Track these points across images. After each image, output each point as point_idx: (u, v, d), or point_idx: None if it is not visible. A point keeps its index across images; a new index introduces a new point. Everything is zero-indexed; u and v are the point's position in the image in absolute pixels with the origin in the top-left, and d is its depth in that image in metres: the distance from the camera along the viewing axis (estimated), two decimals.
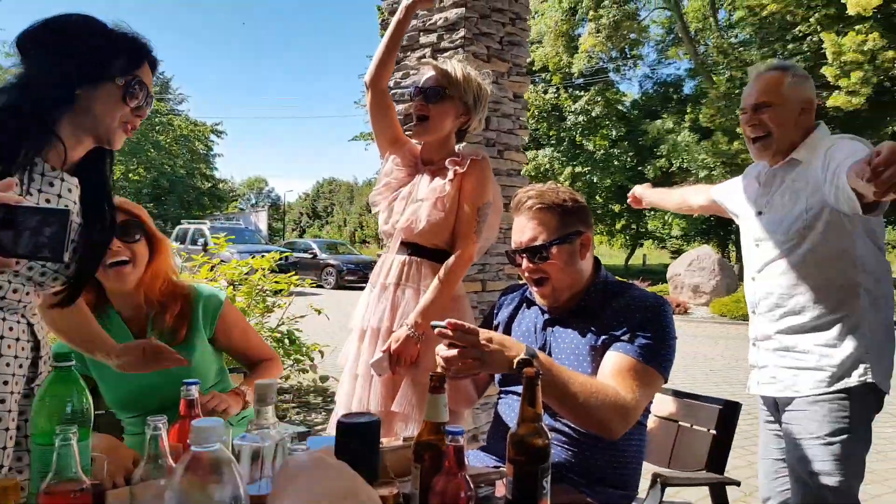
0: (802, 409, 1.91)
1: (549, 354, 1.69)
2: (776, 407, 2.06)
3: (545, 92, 23.56)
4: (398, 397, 2.13)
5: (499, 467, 1.56)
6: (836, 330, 1.88)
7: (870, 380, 1.83)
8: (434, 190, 2.14)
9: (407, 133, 2.38)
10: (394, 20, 2.22)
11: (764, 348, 2.05)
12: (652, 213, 25.55)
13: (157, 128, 30.28)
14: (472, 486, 1.07)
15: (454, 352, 1.44)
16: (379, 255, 2.44)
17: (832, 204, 1.78)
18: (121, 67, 1.37)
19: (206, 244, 16.00)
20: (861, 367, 1.83)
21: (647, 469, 1.80)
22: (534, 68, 22.63)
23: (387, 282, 2.21)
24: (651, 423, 1.96)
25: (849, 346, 1.85)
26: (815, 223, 1.86)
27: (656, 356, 1.59)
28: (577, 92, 23.63)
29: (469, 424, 3.63)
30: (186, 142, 32.22)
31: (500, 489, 1.39)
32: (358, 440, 1.16)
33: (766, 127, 1.97)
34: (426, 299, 2.09)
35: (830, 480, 1.83)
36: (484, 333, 1.46)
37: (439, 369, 1.48)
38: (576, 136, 23.25)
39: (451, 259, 2.13)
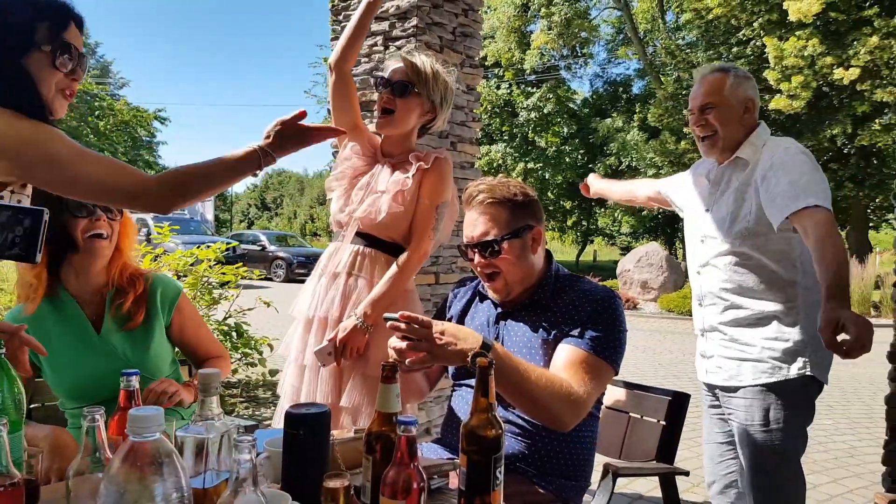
0: (746, 397, 2.00)
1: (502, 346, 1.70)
2: (720, 394, 2.15)
3: (497, 87, 23.69)
4: (346, 392, 2.09)
5: (452, 459, 1.56)
6: (776, 324, 1.97)
7: (808, 372, 1.93)
8: (396, 183, 2.12)
9: (366, 121, 2.35)
10: (363, 3, 2.19)
11: (710, 339, 2.14)
12: (602, 210, 26.05)
13: (96, 112, 29.08)
14: (424, 476, 1.06)
15: (406, 344, 1.44)
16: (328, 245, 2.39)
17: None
18: (45, 34, 1.32)
19: (148, 234, 15.53)
20: (800, 361, 1.93)
21: (599, 460, 1.83)
22: (486, 63, 22.72)
23: (338, 270, 2.17)
24: (602, 414, 1.99)
25: (789, 340, 1.95)
26: (757, 225, 1.96)
27: (607, 349, 1.61)
28: (530, 88, 23.84)
29: (422, 418, 3.62)
30: (128, 128, 31.07)
31: (454, 480, 1.38)
32: (308, 431, 1.13)
33: (712, 126, 2.07)
34: (377, 291, 2.08)
35: (772, 462, 1.96)
36: (437, 326, 1.46)
37: (392, 360, 1.46)
38: (528, 133, 23.47)
39: (406, 253, 2.12)
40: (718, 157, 2.13)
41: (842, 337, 1.58)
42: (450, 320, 1.90)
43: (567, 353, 1.60)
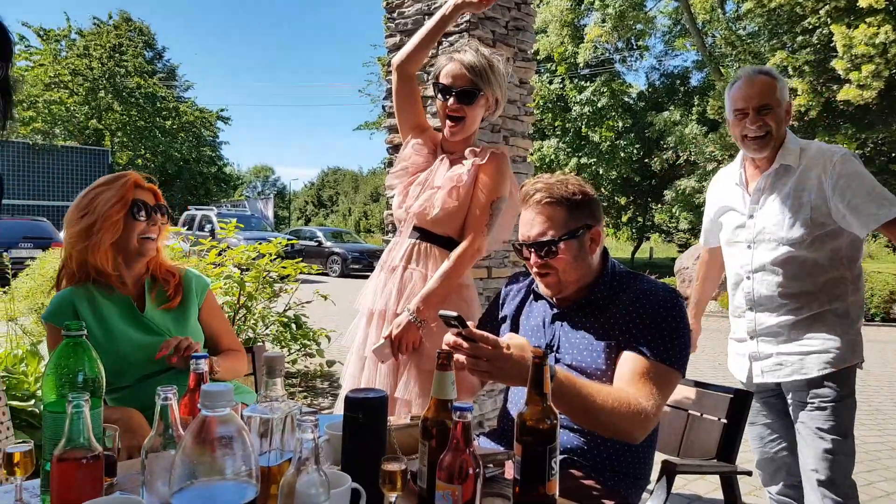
0: (813, 387, 2.15)
1: (558, 349, 1.68)
2: (777, 391, 2.31)
3: (550, 82, 23.41)
4: (400, 384, 2.13)
5: (508, 450, 1.57)
6: (833, 319, 2.14)
7: (857, 361, 2.15)
8: (451, 178, 2.14)
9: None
10: (438, 13, 2.22)
11: (765, 340, 2.24)
12: (659, 205, 25.45)
13: (163, 113, 30.23)
14: (480, 462, 1.08)
15: (466, 359, 1.39)
16: (385, 241, 2.45)
17: (839, 222, 2.07)
18: None
19: (213, 230, 16.11)
20: (856, 350, 2.14)
21: (657, 458, 1.79)
22: (538, 58, 22.49)
23: (395, 264, 2.21)
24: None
25: (847, 332, 2.13)
26: (815, 229, 2.09)
27: (673, 354, 1.56)
28: (583, 82, 23.46)
29: (474, 411, 3.65)
30: (192, 128, 32.20)
31: (509, 470, 1.39)
32: (366, 414, 1.16)
33: (768, 127, 2.15)
34: (430, 286, 2.09)
35: (837, 443, 2.12)
36: (502, 343, 1.41)
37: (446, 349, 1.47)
38: (581, 127, 23.10)
39: (459, 248, 2.13)
40: (759, 158, 2.22)
41: None
42: (503, 319, 1.88)
43: (632, 364, 1.55)
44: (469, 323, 1.41)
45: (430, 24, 2.23)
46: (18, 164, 23.70)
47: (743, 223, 2.27)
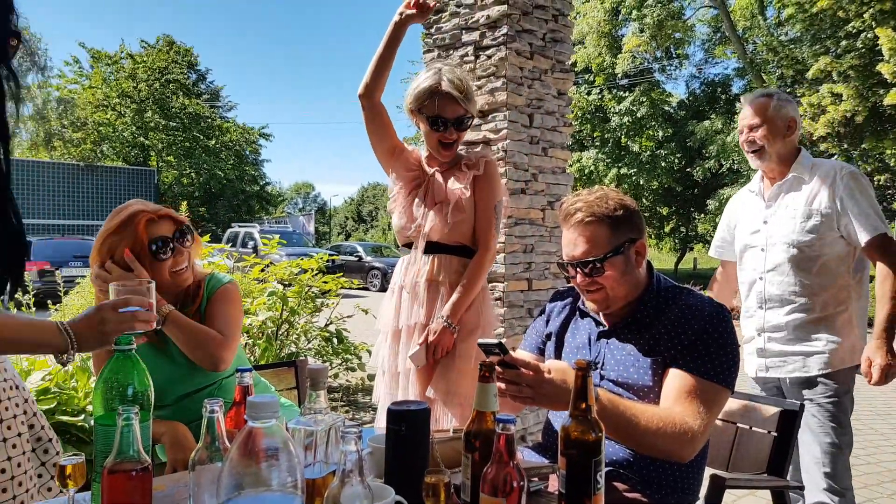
0: (815, 384, 2.33)
1: (603, 366, 1.66)
2: (777, 385, 2.49)
3: (588, 93, 23.28)
4: (432, 383, 2.28)
5: (552, 463, 1.55)
6: (837, 322, 2.32)
7: (857, 361, 2.31)
8: (454, 192, 2.28)
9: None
10: (386, 34, 2.27)
11: (773, 337, 2.43)
12: (702, 215, 24.97)
13: (206, 132, 31.11)
14: (524, 475, 1.06)
15: (507, 387, 1.38)
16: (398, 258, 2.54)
17: (841, 231, 2.29)
18: None
19: (256, 246, 16.43)
20: (856, 351, 2.31)
21: (706, 472, 1.74)
22: (576, 69, 22.41)
23: (418, 280, 2.32)
24: None
25: (849, 334, 2.32)
26: (825, 234, 2.30)
27: (720, 371, 1.52)
28: (622, 93, 23.26)
29: (516, 426, 3.61)
30: (235, 146, 33.03)
31: (553, 484, 1.37)
32: (408, 427, 1.16)
33: (759, 143, 2.43)
34: (457, 296, 2.24)
35: (838, 434, 2.29)
36: (543, 368, 1.40)
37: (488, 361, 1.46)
38: (621, 138, 22.88)
39: (477, 257, 2.29)
40: (766, 169, 2.49)
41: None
42: (549, 336, 1.86)
43: (678, 382, 1.52)
44: (510, 349, 1.41)
45: (380, 46, 2.28)
46: (68, 184, 24.59)
47: (758, 229, 2.49)
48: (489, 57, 3.52)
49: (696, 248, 32.50)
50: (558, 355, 1.80)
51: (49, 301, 5.14)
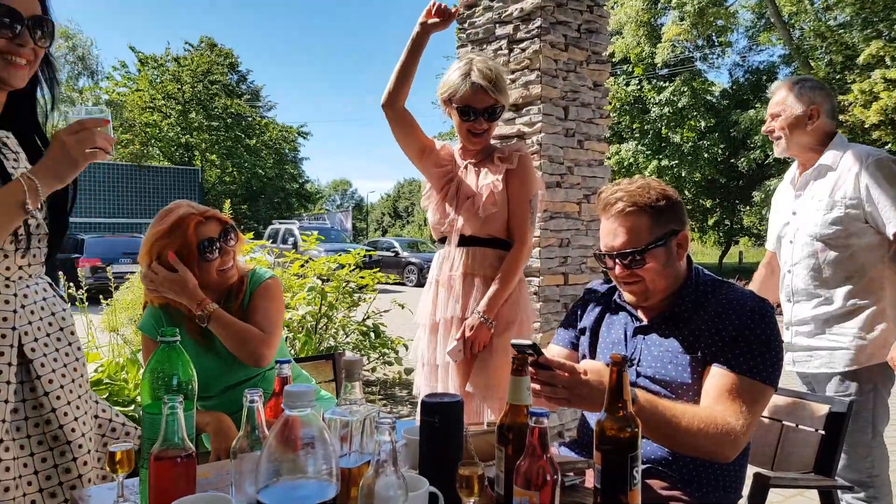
0: (841, 381, 2.26)
1: (640, 363, 1.63)
2: (806, 380, 2.42)
3: (627, 84, 22.90)
4: (470, 378, 2.29)
5: (588, 458, 1.54)
6: (865, 315, 2.23)
7: (888, 358, 2.18)
8: (486, 186, 2.27)
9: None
10: (408, 44, 2.27)
11: (799, 332, 2.37)
12: (748, 207, 24.35)
13: (247, 131, 31.72)
14: (557, 468, 1.06)
15: (541, 388, 1.38)
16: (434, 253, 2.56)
17: (868, 220, 2.20)
18: None
19: (296, 243, 16.70)
20: (886, 348, 2.18)
21: (750, 471, 1.70)
22: (614, 60, 22.06)
23: (453, 274, 2.33)
24: None
25: (878, 329, 2.21)
26: (850, 225, 2.22)
27: (763, 368, 1.48)
28: (662, 83, 22.81)
29: (553, 421, 3.60)
30: (275, 145, 33.60)
31: (590, 480, 1.37)
32: (442, 418, 1.18)
33: (777, 132, 2.40)
34: (493, 290, 2.25)
35: (866, 436, 2.22)
36: (579, 369, 1.39)
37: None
38: (661, 129, 22.45)
39: (513, 251, 2.28)
40: (796, 157, 2.43)
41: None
42: (582, 331, 1.83)
43: (719, 380, 1.48)
44: (544, 350, 1.40)
45: (403, 55, 2.28)
46: (118, 184, 25.36)
47: (788, 220, 2.44)
48: (523, 50, 3.51)
49: (742, 241, 31.71)
50: (592, 351, 1.78)
51: (101, 296, 5.33)
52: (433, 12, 2.23)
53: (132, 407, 3.23)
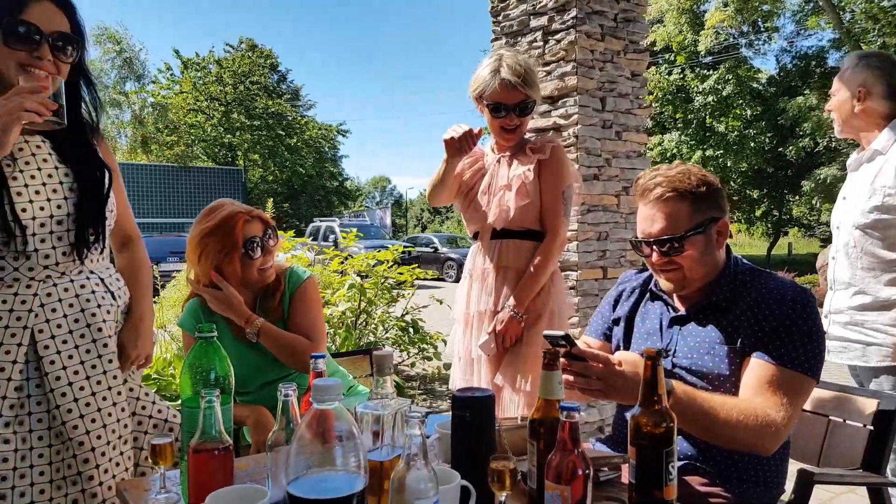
0: (872, 377, 2.19)
1: (675, 354, 1.60)
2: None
3: (669, 73, 22.44)
4: (500, 369, 2.29)
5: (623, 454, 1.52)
6: None
7: None
8: (517, 178, 2.25)
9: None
10: (438, 169, 2.31)
11: (835, 321, 2.29)
12: (797, 197, 23.63)
13: (288, 131, 32.25)
14: (589, 463, 1.05)
15: (574, 378, 1.37)
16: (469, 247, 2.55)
17: None
18: (1, 17, 1.37)
19: (336, 240, 16.94)
20: None
21: (793, 467, 1.65)
22: (655, 48, 21.62)
23: (486, 267, 2.33)
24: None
25: None
26: (884, 215, 2.10)
27: (803, 359, 1.44)
28: (705, 71, 22.28)
29: (593, 416, 3.57)
30: (315, 143, 34.08)
31: (626, 475, 1.35)
32: (473, 413, 1.18)
33: (830, 111, 2.33)
34: (524, 283, 2.23)
35: None
36: (613, 360, 1.37)
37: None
38: (705, 118, 21.94)
39: (545, 244, 2.26)
40: (841, 134, 2.35)
41: None
42: (616, 321, 1.81)
43: (759, 372, 1.45)
44: (576, 340, 1.38)
45: (435, 175, 2.33)
46: (164, 184, 26.05)
47: (839, 206, 2.36)
48: (558, 41, 3.47)
49: (791, 232, 30.79)
50: (627, 341, 1.76)
51: None
52: (457, 145, 2.22)
53: (179, 401, 3.33)
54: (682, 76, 22.28)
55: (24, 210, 1.42)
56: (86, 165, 1.55)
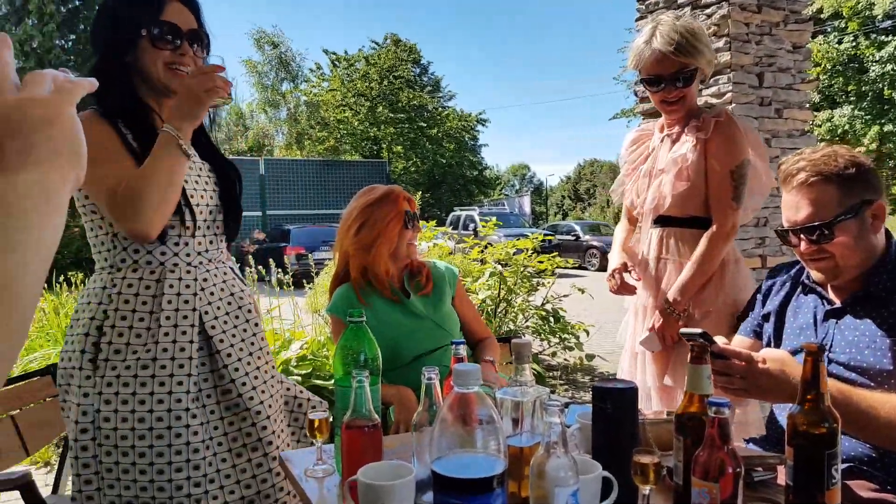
0: None
1: (832, 349, 1.49)
2: None
3: (839, 42, 20.27)
4: (669, 371, 2.15)
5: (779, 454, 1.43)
6: None
7: None
8: (675, 161, 2.07)
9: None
10: None
11: None
12: None
13: (429, 122, 33.13)
14: (739, 461, 1.01)
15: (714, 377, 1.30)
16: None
17: None
18: (144, 21, 1.47)
19: (476, 229, 17.19)
20: None
21: None
22: (822, 16, 19.59)
23: (647, 257, 2.21)
24: None
25: None
26: None
27: None
28: (883, 37, 19.88)
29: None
30: (455, 134, 34.71)
31: (782, 476, 1.27)
32: (613, 405, 1.16)
33: None
34: (684, 276, 2.05)
35: None
36: (757, 357, 1.31)
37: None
38: (883, 89, 19.61)
39: (710, 231, 2.04)
40: None
41: None
42: (766, 316, 1.71)
43: None
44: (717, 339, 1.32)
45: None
46: (315, 177, 27.76)
47: None
48: (709, 16, 3.27)
49: None
50: (778, 336, 1.65)
51: (304, 280, 5.91)
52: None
53: (332, 381, 3.56)
54: (854, 44, 20.02)
55: (192, 196, 1.56)
56: (217, 160, 1.71)
